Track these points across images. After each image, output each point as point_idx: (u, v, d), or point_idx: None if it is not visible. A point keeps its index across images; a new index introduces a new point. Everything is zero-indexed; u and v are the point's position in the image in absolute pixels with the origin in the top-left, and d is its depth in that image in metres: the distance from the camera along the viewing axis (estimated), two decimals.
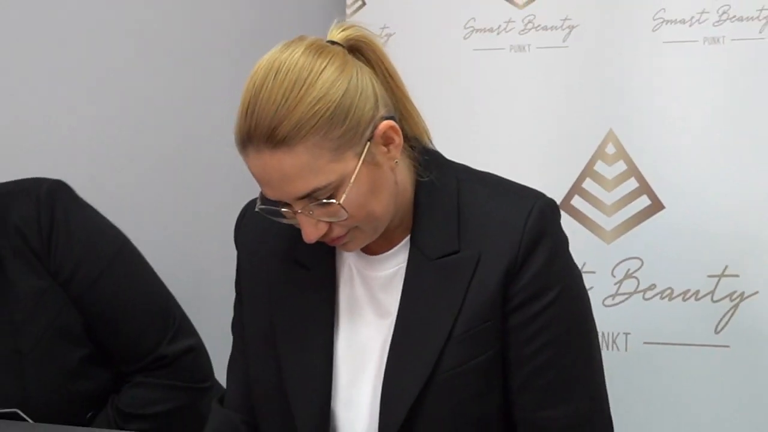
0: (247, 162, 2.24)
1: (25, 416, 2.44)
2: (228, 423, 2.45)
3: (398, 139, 2.27)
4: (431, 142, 2.44)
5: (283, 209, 2.26)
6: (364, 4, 3.40)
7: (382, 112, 2.24)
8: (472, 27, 3.29)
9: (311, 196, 2.20)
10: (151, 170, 3.77)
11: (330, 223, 2.25)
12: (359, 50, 2.30)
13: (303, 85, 2.16)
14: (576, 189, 3.13)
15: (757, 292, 2.94)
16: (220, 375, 2.71)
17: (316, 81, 2.17)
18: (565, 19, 3.17)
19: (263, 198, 2.30)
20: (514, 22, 3.25)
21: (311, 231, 2.24)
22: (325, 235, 2.25)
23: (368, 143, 2.23)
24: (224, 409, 2.53)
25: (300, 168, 2.17)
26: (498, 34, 3.26)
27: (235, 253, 2.67)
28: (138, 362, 2.77)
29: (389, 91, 2.32)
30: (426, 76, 3.16)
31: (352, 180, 2.21)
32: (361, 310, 2.42)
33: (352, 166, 2.21)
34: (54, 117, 3.62)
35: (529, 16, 3.23)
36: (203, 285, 3.80)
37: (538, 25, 3.22)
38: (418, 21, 3.30)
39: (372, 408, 2.34)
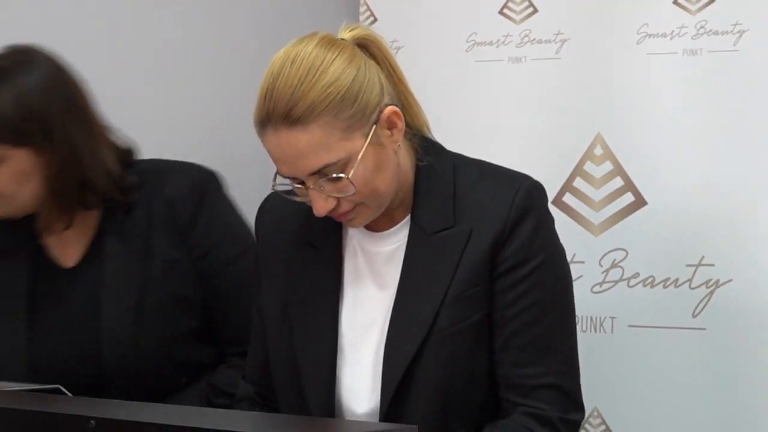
0: (265, 142, 2.30)
1: (66, 391, 2.39)
2: (245, 394, 2.54)
3: (401, 124, 2.34)
4: (430, 132, 2.50)
5: (296, 186, 2.33)
6: (375, 19, 3.40)
7: (386, 99, 2.32)
8: (473, 41, 3.32)
9: (322, 172, 2.26)
10: None
11: (338, 199, 2.30)
12: (366, 47, 2.36)
13: (316, 72, 2.24)
14: (567, 187, 3.16)
15: (731, 280, 2.96)
16: None
17: (328, 68, 2.25)
18: (558, 33, 3.19)
19: (278, 179, 2.34)
20: (511, 36, 3.27)
21: (321, 205, 2.29)
22: (334, 209, 2.31)
23: (374, 126, 2.30)
24: (243, 382, 2.61)
25: (313, 145, 2.24)
26: (497, 47, 3.27)
27: None
28: (240, 346, 2.76)
29: (393, 84, 2.39)
30: (431, 85, 3.16)
31: (359, 158, 2.27)
32: (365, 282, 2.47)
33: (360, 146, 2.27)
34: None
35: (525, 30, 3.25)
36: None
37: (533, 39, 3.24)
38: (425, 35, 3.33)
39: (374, 368, 2.39)
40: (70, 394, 2.38)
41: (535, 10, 3.25)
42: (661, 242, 3.07)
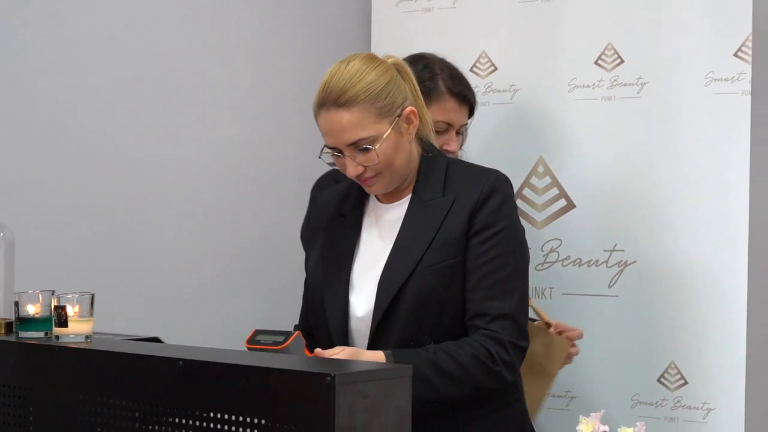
0: (319, 120, 2.47)
1: (162, 340, 2.33)
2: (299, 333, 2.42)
3: (416, 122, 2.50)
4: (433, 138, 2.61)
5: (335, 154, 2.48)
6: (496, 68, 3.38)
7: (407, 103, 2.49)
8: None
9: (356, 144, 2.43)
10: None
11: (365, 167, 2.45)
12: (398, 70, 2.52)
13: (362, 74, 2.44)
14: (518, 195, 3.24)
15: (636, 261, 3.10)
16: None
17: (371, 73, 2.45)
18: (512, 86, 3.32)
19: (323, 155, 2.51)
20: (478, 87, 3.27)
21: (353, 169, 2.45)
22: (360, 175, 2.46)
23: (397, 118, 2.46)
24: (297, 324, 2.71)
25: (353, 122, 2.42)
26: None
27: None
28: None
29: (414, 98, 2.54)
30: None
31: (384, 137, 2.43)
32: (373, 239, 2.57)
33: (386, 129, 2.44)
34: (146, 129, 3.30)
35: (488, 84, 3.37)
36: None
37: (495, 90, 3.35)
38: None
39: (373, 293, 2.48)
40: (165, 342, 2.33)
41: (495, 68, 3.36)
42: (585, 234, 3.19)
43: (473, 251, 2.46)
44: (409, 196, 2.55)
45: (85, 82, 3.18)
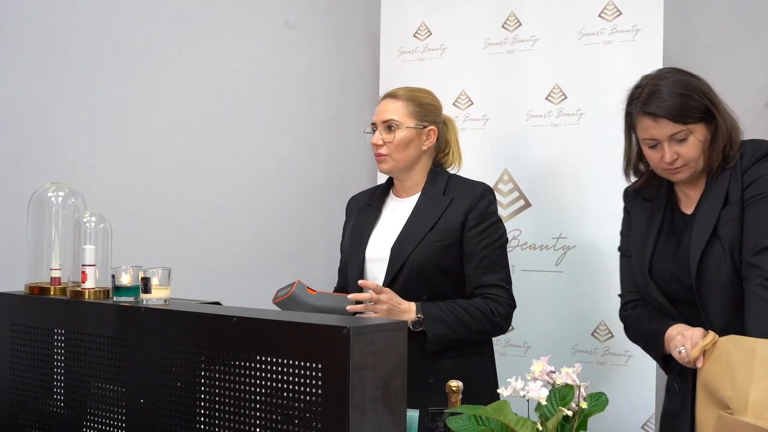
0: (379, 105, 2.56)
1: (222, 303, 2.17)
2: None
3: (433, 139, 2.54)
4: (457, 168, 2.63)
5: (372, 129, 2.53)
6: (472, 103, 2.76)
7: (434, 127, 2.54)
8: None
9: (386, 123, 2.51)
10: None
11: (384, 142, 2.50)
12: (445, 121, 2.60)
13: (418, 91, 2.57)
14: None
15: (576, 245, 3.10)
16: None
17: (424, 93, 2.58)
18: (484, 116, 3.27)
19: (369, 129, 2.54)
20: (459, 118, 3.26)
21: (375, 139, 2.52)
22: (377, 146, 2.51)
23: (422, 127, 2.52)
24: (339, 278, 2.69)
25: (393, 108, 2.52)
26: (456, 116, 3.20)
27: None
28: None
29: (450, 137, 2.60)
30: None
31: (404, 128, 2.50)
32: (389, 222, 2.59)
33: (411, 125, 2.51)
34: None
35: (466, 114, 3.30)
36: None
37: (472, 119, 3.29)
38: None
39: (385, 261, 2.49)
40: (224, 305, 2.19)
41: (472, 103, 3.30)
42: (538, 226, 3.17)
43: (472, 240, 2.47)
44: (419, 194, 2.57)
45: (177, 114, 3.22)
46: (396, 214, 2.60)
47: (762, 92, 3.18)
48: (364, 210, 2.67)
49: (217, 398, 1.85)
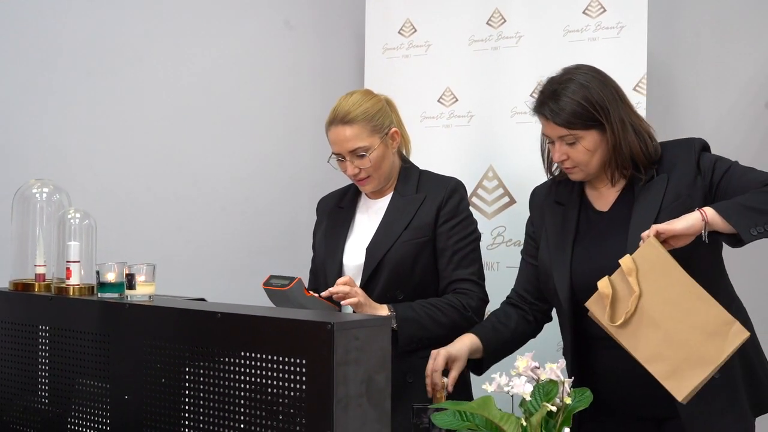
0: (329, 134, 2.47)
1: (206, 299, 2.19)
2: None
3: (398, 139, 2.54)
4: (409, 155, 2.64)
5: (339, 159, 2.48)
6: (457, 99, 3.29)
7: (392, 125, 2.53)
8: (423, 115, 3.32)
9: (355, 152, 2.45)
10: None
11: (360, 169, 2.46)
12: (387, 103, 2.56)
13: (361, 102, 2.48)
14: (474, 193, 3.24)
15: None
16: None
17: (367, 102, 2.49)
18: (469, 113, 3.28)
19: (332, 160, 2.49)
20: (443, 115, 3.30)
21: (351, 171, 2.47)
22: (356, 175, 2.47)
23: (385, 135, 2.49)
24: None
25: (353, 136, 2.45)
26: (438, 119, 3.31)
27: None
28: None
29: (397, 124, 2.57)
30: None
31: (375, 148, 2.45)
32: (363, 223, 2.58)
33: (377, 143, 2.46)
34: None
35: (450, 111, 3.30)
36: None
37: (456, 116, 3.33)
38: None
39: (361, 261, 2.49)
40: (207, 300, 2.19)
41: (457, 99, 3.29)
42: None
43: (444, 236, 2.48)
44: (392, 193, 2.57)
45: (159, 112, 3.21)
46: (369, 215, 2.60)
47: (762, 92, 3.18)
48: (335, 213, 2.65)
49: (201, 394, 1.85)
